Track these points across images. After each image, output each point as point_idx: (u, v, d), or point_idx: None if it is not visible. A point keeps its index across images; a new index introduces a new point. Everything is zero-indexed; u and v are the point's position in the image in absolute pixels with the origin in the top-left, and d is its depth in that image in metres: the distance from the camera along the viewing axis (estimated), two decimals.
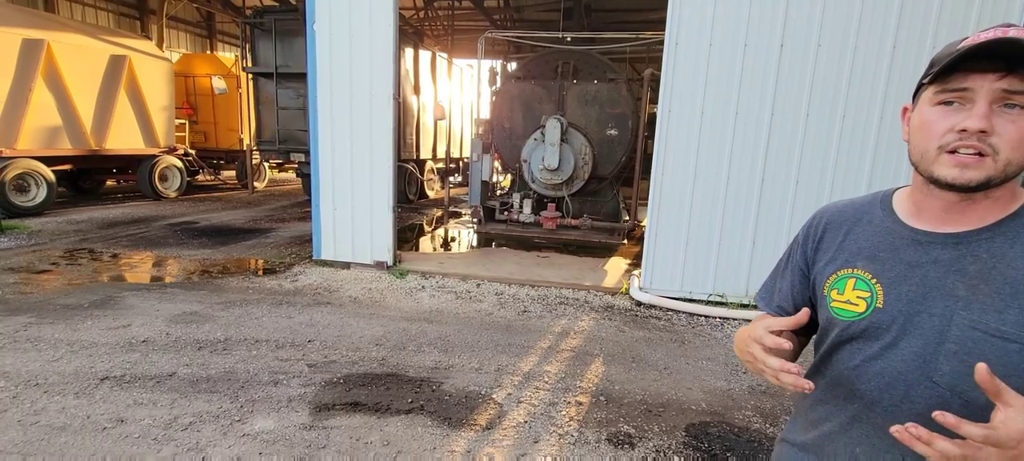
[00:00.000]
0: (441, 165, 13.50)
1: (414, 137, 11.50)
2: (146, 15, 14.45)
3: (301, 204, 11.45)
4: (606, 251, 7.52)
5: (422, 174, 12.38)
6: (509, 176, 9.84)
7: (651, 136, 6.42)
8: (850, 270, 0.93)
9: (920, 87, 0.87)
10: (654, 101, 6.36)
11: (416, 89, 11.35)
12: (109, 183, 12.09)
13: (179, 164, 11.51)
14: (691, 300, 5.24)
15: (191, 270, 6.02)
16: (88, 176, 11.06)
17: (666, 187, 5.24)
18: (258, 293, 5.21)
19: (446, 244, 8.30)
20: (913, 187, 0.92)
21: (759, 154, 5.01)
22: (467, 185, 13.39)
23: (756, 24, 4.82)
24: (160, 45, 13.18)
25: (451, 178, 12.73)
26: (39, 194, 8.68)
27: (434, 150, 12.92)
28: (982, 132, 0.77)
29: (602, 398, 3.36)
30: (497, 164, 9.96)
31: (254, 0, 14.11)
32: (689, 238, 5.27)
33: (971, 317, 0.79)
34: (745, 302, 5.16)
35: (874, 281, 0.89)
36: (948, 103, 0.81)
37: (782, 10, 4.74)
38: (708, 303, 5.20)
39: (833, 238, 1.00)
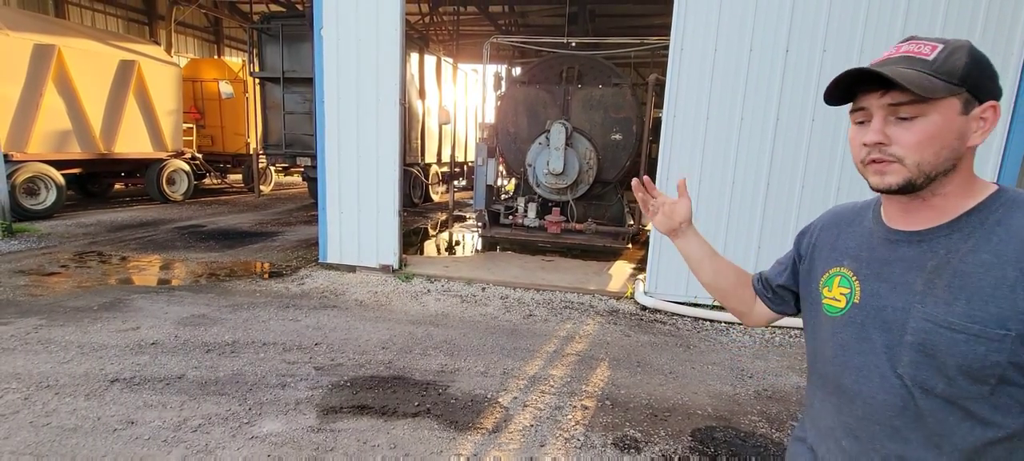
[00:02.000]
0: (446, 169, 13.54)
1: (419, 141, 11.55)
2: (155, 21, 14.60)
3: (307, 208, 11.51)
4: (611, 255, 7.52)
5: (427, 178, 12.42)
6: (513, 180, 9.86)
7: (656, 140, 6.44)
8: (838, 268, 0.99)
9: None
10: (659, 105, 6.37)
11: (421, 93, 11.41)
12: (117, 186, 12.19)
13: (186, 168, 11.60)
14: (696, 305, 5.23)
15: (199, 273, 6.07)
16: (97, 179, 11.16)
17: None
18: (265, 296, 5.24)
19: (451, 248, 8.32)
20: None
21: (764, 158, 5.02)
22: (472, 189, 13.43)
23: (761, 29, 4.83)
24: (168, 50, 13.30)
25: (455, 182, 12.77)
26: (49, 197, 8.77)
27: (439, 154, 12.96)
28: (879, 144, 0.86)
29: (608, 402, 3.37)
30: (502, 168, 10.00)
31: (261, 6, 14.22)
32: None
33: (925, 310, 0.84)
34: None
35: (854, 278, 0.95)
36: (860, 123, 0.90)
37: (787, 15, 4.75)
38: (713, 308, 5.19)
39: (828, 238, 1.06)
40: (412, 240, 8.41)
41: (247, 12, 15.03)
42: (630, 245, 7.84)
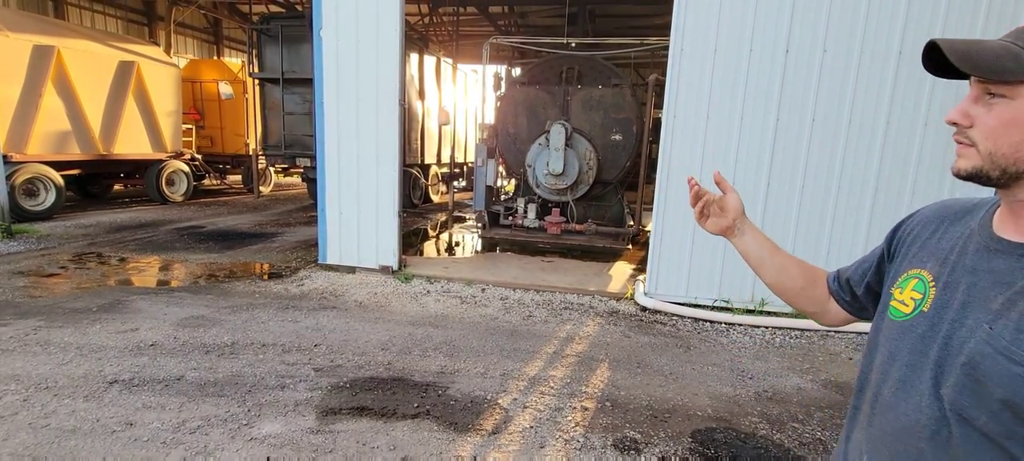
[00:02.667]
0: (445, 170, 13.54)
1: (419, 142, 11.54)
2: (154, 22, 14.60)
3: (306, 209, 11.50)
4: (611, 256, 7.52)
5: (426, 179, 12.41)
6: (513, 181, 9.86)
7: (656, 141, 6.43)
8: (918, 270, 0.88)
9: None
10: (659, 106, 6.37)
11: (421, 94, 11.40)
12: (117, 187, 12.18)
13: (186, 169, 11.59)
14: (696, 305, 5.23)
15: (198, 274, 6.06)
16: (96, 180, 11.14)
17: (671, 192, 5.24)
18: (264, 297, 5.24)
19: (451, 249, 8.32)
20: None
21: (764, 159, 5.01)
22: (471, 190, 13.43)
23: (761, 29, 4.83)
24: (168, 51, 13.30)
25: (455, 183, 12.77)
26: (48, 198, 8.76)
27: (438, 155, 12.96)
28: (955, 124, 0.79)
29: (608, 403, 3.36)
30: (501, 169, 10.00)
31: (261, 7, 14.22)
32: (694, 243, 5.27)
33: (991, 332, 0.73)
34: (751, 308, 5.15)
35: (932, 284, 0.84)
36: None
37: (787, 15, 4.75)
38: (714, 309, 5.19)
39: (923, 234, 0.93)
40: (412, 241, 8.40)
41: (247, 13, 15.03)
42: (630, 246, 7.83)
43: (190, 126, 12.61)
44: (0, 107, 8.05)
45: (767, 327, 4.86)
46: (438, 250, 8.21)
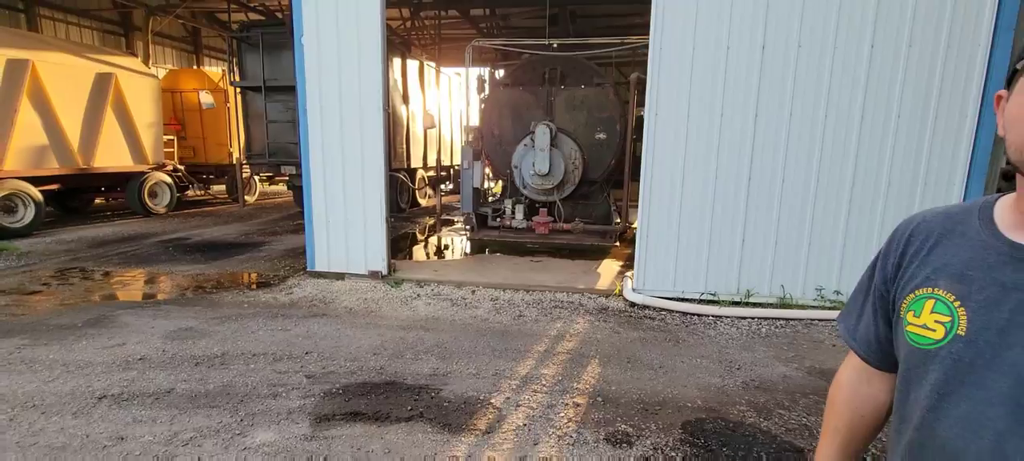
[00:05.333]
0: (432, 173, 13.53)
1: (404, 146, 11.54)
2: (131, 32, 14.38)
3: (293, 217, 11.42)
4: (599, 254, 7.59)
5: (413, 183, 12.40)
6: (500, 182, 9.90)
7: (639, 139, 6.52)
8: (930, 290, 0.79)
9: (1015, 72, 0.72)
10: (641, 104, 6.45)
11: (405, 98, 11.40)
12: (98, 201, 11.98)
13: (169, 180, 11.45)
14: (684, 299, 5.31)
15: (185, 286, 6.00)
16: (76, 195, 10.95)
17: (655, 189, 5.33)
18: (253, 307, 5.21)
19: (440, 252, 8.33)
20: (1018, 194, 0.76)
21: (745, 154, 5.11)
22: (459, 192, 13.42)
23: (738, 27, 4.93)
24: (146, 62, 13.11)
25: (442, 186, 12.77)
26: (27, 215, 8.59)
27: (425, 158, 12.95)
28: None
29: (599, 399, 3.41)
30: (488, 171, 10.03)
31: (240, 15, 14.09)
32: (680, 238, 5.35)
33: None
34: (737, 299, 5.24)
35: (957, 304, 0.75)
36: None
37: (762, 13, 4.86)
38: (701, 302, 5.27)
39: (917, 251, 0.84)
40: (400, 245, 8.40)
41: (226, 22, 14.88)
42: (617, 243, 7.91)
43: (171, 137, 12.44)
44: None
45: (753, 318, 4.95)
46: (427, 254, 8.21)
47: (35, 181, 8.75)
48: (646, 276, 5.47)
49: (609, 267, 6.90)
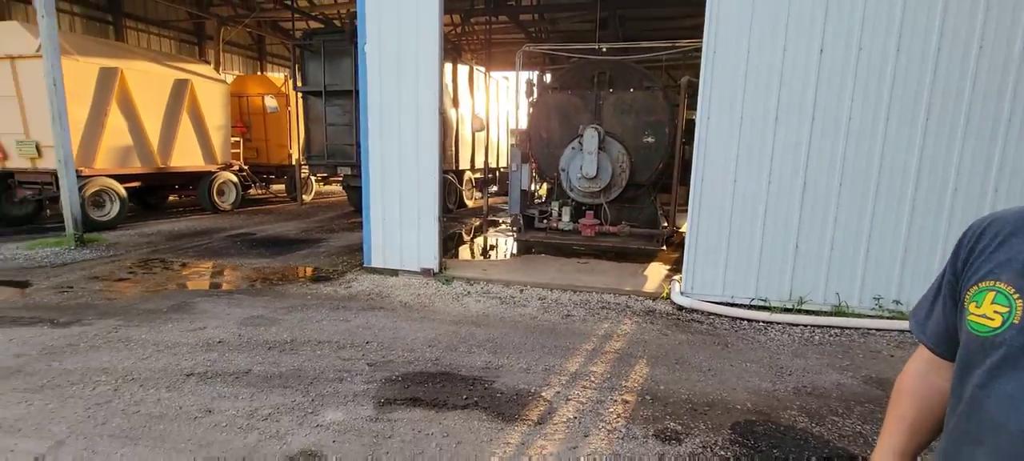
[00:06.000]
0: (479, 175, 13.82)
1: (453, 148, 11.86)
2: (204, 41, 15.45)
3: (347, 215, 11.95)
4: (645, 257, 7.59)
5: (461, 184, 12.71)
6: (546, 185, 10.03)
7: (689, 142, 6.49)
8: (992, 282, 0.85)
9: None
10: (692, 107, 6.43)
11: (455, 102, 11.71)
12: (172, 198, 12.93)
13: (235, 179, 12.23)
14: (733, 304, 5.27)
15: (253, 278, 6.45)
16: (154, 192, 11.88)
17: (705, 192, 5.32)
18: (316, 299, 5.55)
19: (486, 252, 8.54)
20: None
21: (800, 158, 5.03)
22: (505, 194, 13.63)
23: (795, 29, 4.87)
24: (217, 68, 14.04)
25: (489, 188, 13.04)
26: (113, 209, 9.42)
27: (472, 161, 13.25)
28: None
29: (648, 397, 3.49)
30: (534, 173, 10.18)
31: (302, 23, 14.87)
32: (730, 243, 5.32)
33: None
34: (789, 306, 5.16)
35: (1016, 296, 0.81)
36: None
37: (821, 14, 4.78)
38: (751, 307, 5.22)
39: (986, 246, 0.90)
40: (448, 245, 8.66)
41: (288, 30, 15.71)
42: (664, 247, 7.88)
43: (238, 139, 13.27)
44: (72, 126, 8.71)
45: (806, 325, 4.87)
46: (475, 253, 8.44)
47: (120, 179, 9.58)
48: (694, 280, 5.47)
49: (656, 270, 6.90)
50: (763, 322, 4.97)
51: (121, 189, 9.52)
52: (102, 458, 2.72)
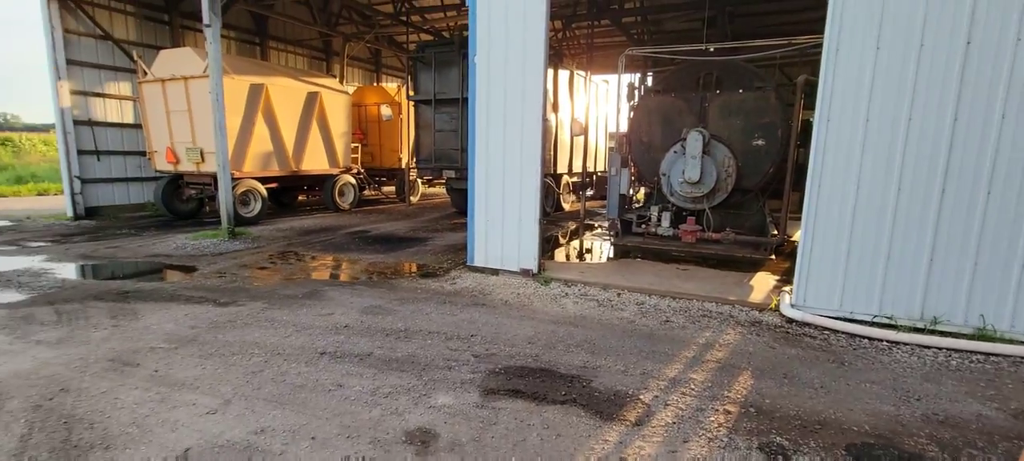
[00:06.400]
0: (576, 179, 13.90)
1: (552, 152, 12.06)
2: (331, 56, 17.18)
3: (450, 216, 12.64)
4: (751, 266, 7.23)
5: (558, 188, 12.89)
6: (643, 189, 9.87)
7: (804, 144, 6.09)
8: None
9: None
10: (809, 107, 6.04)
11: (554, 107, 11.91)
12: (300, 198, 14.53)
13: (353, 181, 13.46)
14: (852, 320, 4.89)
15: (370, 271, 7.12)
16: (287, 192, 13.44)
17: (823, 199, 4.98)
18: (425, 293, 6.02)
19: (583, 255, 8.62)
20: None
21: (939, 164, 4.55)
22: (600, 198, 13.57)
23: (934, 22, 4.41)
24: (341, 81, 15.53)
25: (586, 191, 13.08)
26: (256, 207, 10.83)
27: (570, 164, 13.37)
28: None
29: (752, 409, 3.40)
30: (633, 177, 10.06)
31: (414, 36, 15.98)
32: (850, 254, 4.94)
33: None
34: (920, 326, 4.68)
35: None
36: None
37: (968, 5, 4.29)
38: (873, 324, 4.81)
39: None
40: (545, 247, 8.86)
41: (402, 43, 16.95)
42: (773, 256, 7.44)
43: (356, 145, 14.57)
44: (227, 134, 10.17)
45: (940, 348, 4.40)
46: (572, 256, 8.56)
47: (262, 180, 10.99)
48: (807, 292, 5.14)
49: (763, 280, 6.55)
50: (887, 341, 4.56)
51: (263, 189, 10.92)
52: (259, 416, 3.24)
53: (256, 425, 3.14)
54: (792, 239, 7.87)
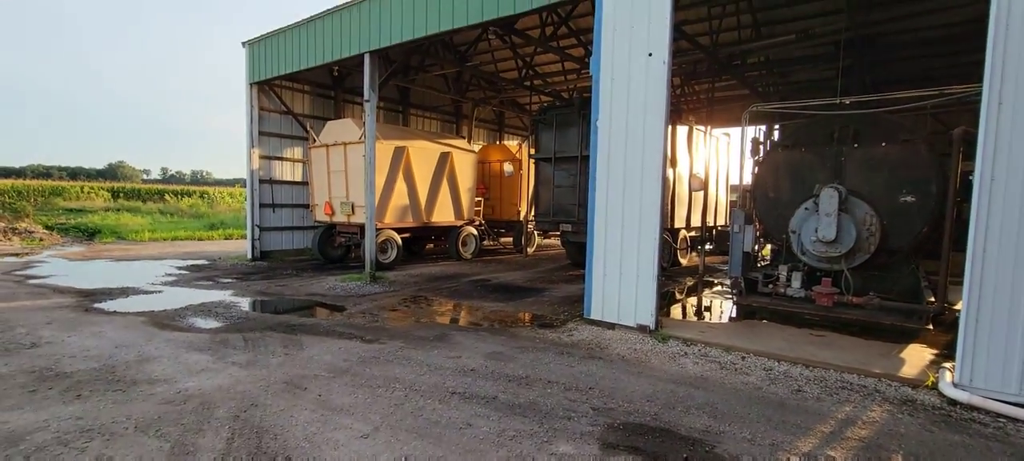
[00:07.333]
0: (693, 234, 13.50)
1: (669, 207, 11.93)
2: (460, 119, 18.94)
3: (565, 268, 12.93)
4: (900, 336, 6.48)
5: (675, 243, 12.61)
6: (770, 247, 9.33)
7: (966, 199, 5.47)
8: None
9: None
10: (970, 158, 5.46)
11: (673, 161, 11.86)
12: (428, 247, 15.85)
13: (475, 232, 14.43)
14: None
15: (493, 319, 7.59)
16: (417, 241, 14.78)
17: (990, 261, 4.44)
18: (544, 342, 6.29)
19: (701, 313, 8.33)
20: None
21: None
22: (720, 253, 12.98)
23: None
24: (468, 140, 16.99)
25: (703, 246, 12.62)
26: (392, 254, 12.08)
27: (688, 218, 13.06)
28: None
29: None
30: (758, 234, 9.58)
31: (536, 98, 17.03)
32: None
33: None
34: None
35: None
36: None
37: None
38: None
39: None
40: (662, 303, 8.71)
41: (524, 105, 18.13)
42: (930, 326, 6.59)
43: (479, 199, 15.67)
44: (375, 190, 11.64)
45: None
46: (689, 313, 8.32)
47: (398, 231, 12.26)
48: (974, 370, 4.53)
49: (916, 353, 5.85)
50: None
51: (398, 239, 12.18)
52: (403, 444, 3.69)
53: (400, 452, 3.57)
54: (955, 307, 6.91)
